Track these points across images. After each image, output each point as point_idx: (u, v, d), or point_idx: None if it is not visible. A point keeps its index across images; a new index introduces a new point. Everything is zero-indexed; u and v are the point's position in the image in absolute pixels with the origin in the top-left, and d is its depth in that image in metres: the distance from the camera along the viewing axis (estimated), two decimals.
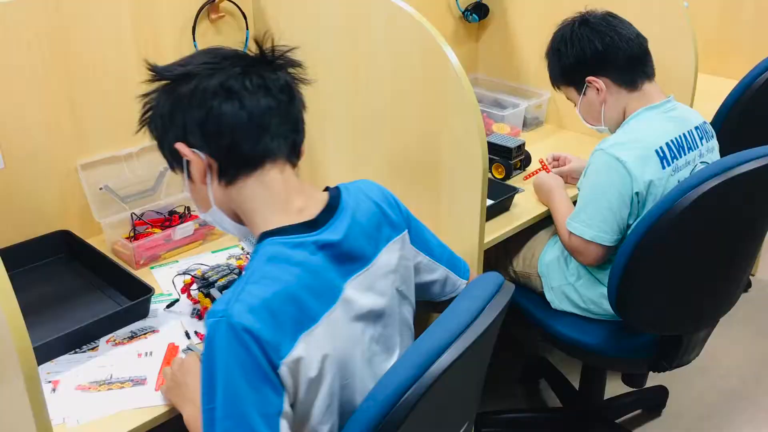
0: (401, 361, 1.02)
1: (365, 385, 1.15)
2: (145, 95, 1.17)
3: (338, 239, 1.13)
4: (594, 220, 1.68)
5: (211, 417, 1.01)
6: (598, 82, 1.77)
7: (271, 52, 1.16)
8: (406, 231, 1.27)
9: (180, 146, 1.13)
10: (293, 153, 1.17)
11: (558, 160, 2.04)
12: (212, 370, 1.01)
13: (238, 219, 1.19)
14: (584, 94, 1.81)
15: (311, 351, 1.05)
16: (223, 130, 1.10)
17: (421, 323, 1.30)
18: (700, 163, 1.76)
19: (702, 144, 1.77)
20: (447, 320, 1.06)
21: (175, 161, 1.17)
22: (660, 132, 1.70)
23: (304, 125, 1.20)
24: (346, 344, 1.12)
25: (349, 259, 1.14)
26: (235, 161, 1.12)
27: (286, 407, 1.04)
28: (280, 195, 1.13)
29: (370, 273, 1.17)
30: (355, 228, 1.16)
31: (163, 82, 1.15)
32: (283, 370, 1.02)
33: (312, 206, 1.15)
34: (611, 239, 1.69)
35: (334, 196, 1.19)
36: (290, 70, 1.18)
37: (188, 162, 1.14)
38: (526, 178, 2.05)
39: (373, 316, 1.18)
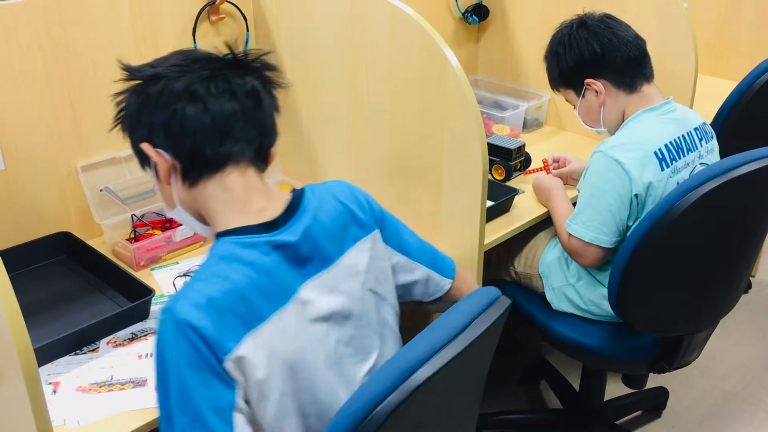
0: (375, 375, 1.01)
1: (332, 387, 1.15)
2: (118, 94, 1.18)
3: (294, 240, 1.13)
4: (593, 222, 1.68)
5: (168, 414, 1.02)
6: (597, 85, 1.77)
7: (243, 56, 1.17)
8: (377, 231, 1.27)
9: (145, 146, 1.14)
10: (259, 156, 1.17)
11: (558, 162, 2.04)
12: (163, 367, 1.03)
13: (203, 219, 1.19)
14: (583, 96, 1.81)
15: (257, 351, 1.05)
16: (186, 133, 1.11)
17: (420, 325, 1.30)
18: (700, 164, 1.76)
19: (701, 145, 1.78)
20: (428, 335, 1.04)
21: (143, 160, 1.18)
22: (659, 134, 1.71)
23: (275, 128, 1.20)
24: (303, 345, 1.12)
25: (307, 260, 1.14)
26: (197, 163, 1.13)
27: (240, 402, 1.04)
28: (239, 196, 1.14)
29: (332, 274, 1.17)
30: (316, 228, 1.16)
31: (135, 82, 1.16)
32: (229, 365, 1.03)
33: (273, 207, 1.16)
34: (611, 241, 1.69)
35: (297, 197, 1.19)
36: (267, 73, 1.18)
37: (155, 163, 1.15)
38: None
39: (339, 318, 1.17)
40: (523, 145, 2.05)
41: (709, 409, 2.36)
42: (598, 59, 1.75)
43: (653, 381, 2.33)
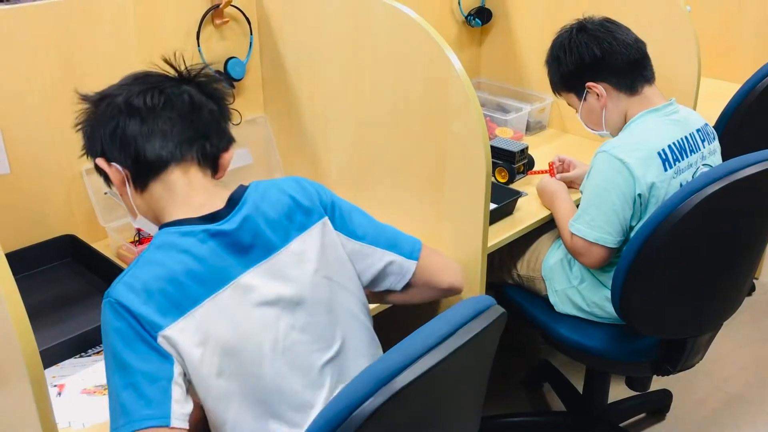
0: (355, 379, 1.01)
1: (281, 373, 1.17)
2: (78, 123, 1.26)
3: (231, 229, 1.17)
4: (597, 221, 1.69)
5: (113, 389, 1.08)
6: (598, 88, 1.77)
7: (186, 71, 1.26)
8: (326, 218, 1.29)
9: (99, 161, 1.23)
10: (204, 158, 1.23)
11: (563, 163, 2.04)
12: (105, 347, 1.10)
13: (160, 223, 1.25)
14: (585, 99, 1.82)
15: (190, 333, 1.10)
16: (128, 141, 1.19)
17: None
18: (702, 165, 1.76)
19: (704, 146, 1.78)
20: (410, 341, 1.04)
21: (106, 178, 1.26)
22: (662, 134, 1.71)
23: (224, 134, 1.27)
24: (246, 330, 1.15)
25: (249, 248, 1.19)
26: (141, 168, 1.20)
27: (177, 377, 1.09)
28: (182, 193, 1.20)
29: (277, 261, 1.20)
30: (256, 218, 1.20)
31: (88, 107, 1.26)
32: (162, 342, 1.08)
33: (215, 201, 1.21)
34: (614, 241, 1.69)
35: (238, 191, 1.24)
36: (211, 85, 1.26)
37: (109, 175, 1.23)
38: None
39: (289, 304, 1.20)
40: (526, 148, 2.05)
41: (712, 411, 2.36)
42: (599, 62, 1.76)
43: (656, 383, 2.33)
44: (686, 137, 1.74)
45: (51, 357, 1.37)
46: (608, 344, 1.83)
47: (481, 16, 2.51)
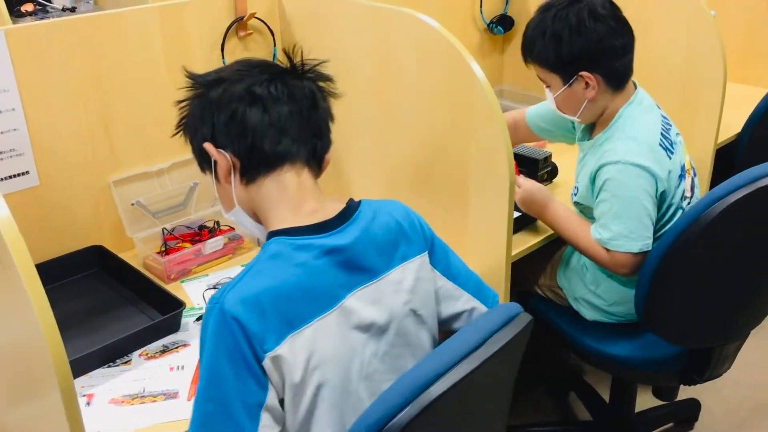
0: (389, 390, 1.00)
1: (360, 400, 1.15)
2: (181, 101, 1.24)
3: (345, 244, 1.15)
4: (637, 231, 1.64)
5: (203, 397, 1.06)
6: (592, 80, 1.67)
7: (300, 65, 1.22)
8: (425, 253, 1.26)
9: (208, 146, 1.19)
10: (313, 158, 1.21)
11: None
12: (202, 354, 1.07)
13: (258, 219, 1.24)
14: (570, 85, 1.70)
15: (297, 352, 1.07)
16: (247, 131, 1.16)
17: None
18: (675, 135, 1.74)
19: (664, 116, 1.76)
20: (443, 351, 1.04)
21: (204, 161, 1.23)
22: (652, 126, 1.69)
23: (329, 134, 1.25)
24: (342, 353, 1.13)
25: (356, 268, 1.16)
26: (255, 160, 1.17)
27: (270, 401, 1.06)
28: (293, 195, 1.18)
29: (378, 287, 1.18)
30: (366, 239, 1.18)
31: (198, 89, 1.22)
32: (267, 364, 1.05)
33: (326, 210, 1.19)
34: (652, 243, 1.66)
35: (352, 206, 1.22)
36: (320, 83, 1.24)
37: (215, 162, 1.20)
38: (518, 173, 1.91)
39: (377, 331, 1.17)
40: (550, 156, 2.04)
41: (741, 420, 2.33)
42: (603, 54, 1.65)
43: (684, 393, 2.30)
44: (660, 118, 1.73)
45: (80, 367, 1.38)
46: (634, 354, 1.81)
47: (504, 23, 2.51)
